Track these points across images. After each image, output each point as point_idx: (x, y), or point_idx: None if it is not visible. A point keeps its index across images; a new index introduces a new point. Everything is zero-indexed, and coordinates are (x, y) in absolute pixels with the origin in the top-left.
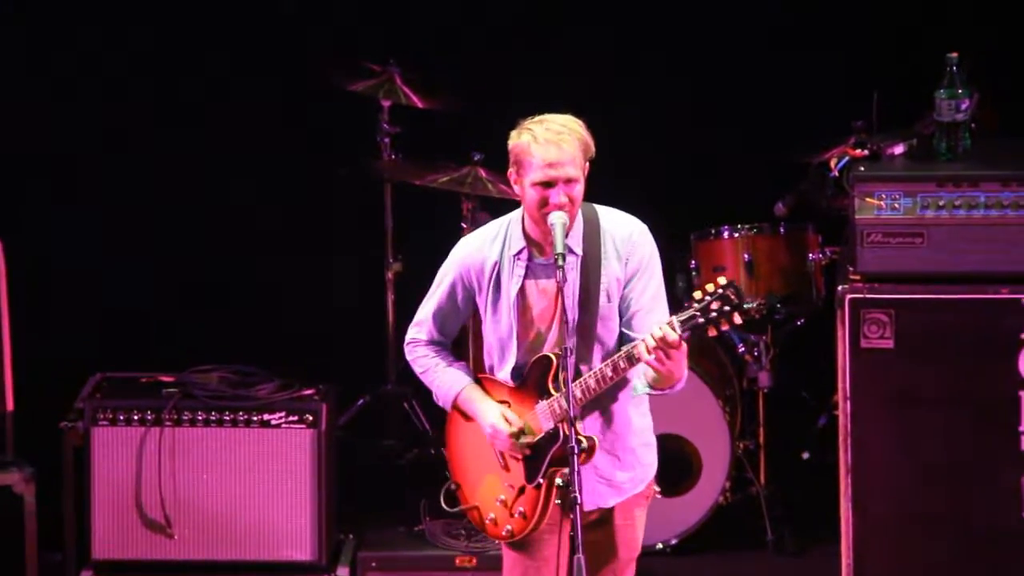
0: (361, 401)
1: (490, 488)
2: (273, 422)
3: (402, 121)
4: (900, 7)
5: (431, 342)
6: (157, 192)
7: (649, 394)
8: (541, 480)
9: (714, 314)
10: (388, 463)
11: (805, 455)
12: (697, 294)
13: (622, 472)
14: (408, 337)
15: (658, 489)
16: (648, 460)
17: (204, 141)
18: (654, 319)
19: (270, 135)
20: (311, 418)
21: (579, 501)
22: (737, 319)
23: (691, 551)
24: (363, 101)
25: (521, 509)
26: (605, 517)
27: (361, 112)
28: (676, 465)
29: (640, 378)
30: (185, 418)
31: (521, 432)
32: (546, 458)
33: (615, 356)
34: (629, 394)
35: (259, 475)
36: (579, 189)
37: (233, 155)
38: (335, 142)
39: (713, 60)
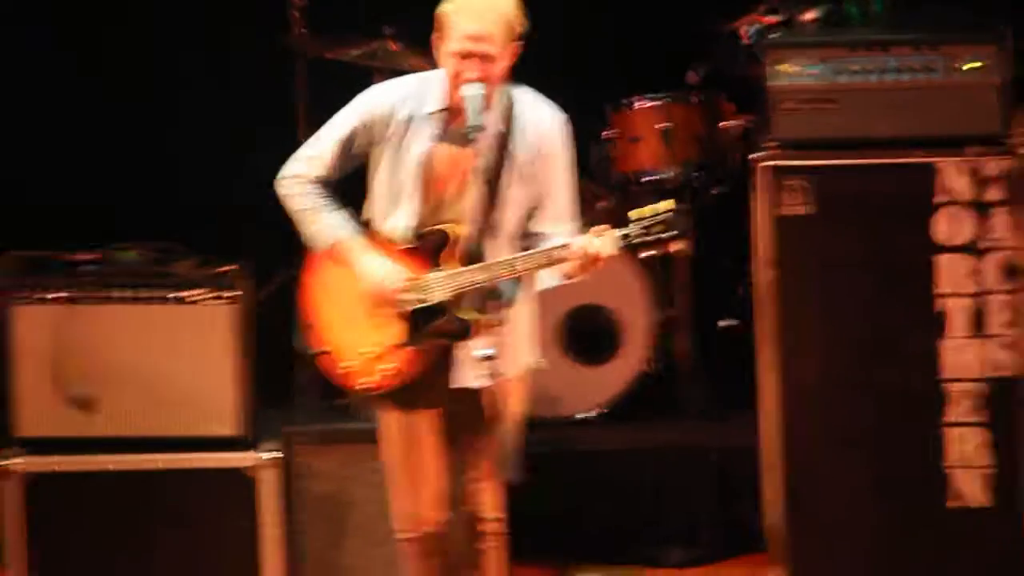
0: (278, 275)
1: (351, 338)
2: (193, 298)
3: None
4: None
5: (317, 180)
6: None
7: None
8: (421, 346)
9: (653, 238)
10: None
11: (726, 322)
12: (635, 213)
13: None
14: (289, 171)
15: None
16: (526, 344)
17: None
18: (556, 217)
19: (185, 9)
20: (231, 294)
21: (502, 373)
22: (676, 246)
23: (615, 420)
24: None
25: (391, 366)
26: (474, 393)
27: None
28: (597, 335)
29: (547, 270)
30: (104, 295)
31: (410, 291)
32: (428, 326)
33: (549, 249)
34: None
35: (181, 351)
36: (498, 68)
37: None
38: (243, 17)
39: None
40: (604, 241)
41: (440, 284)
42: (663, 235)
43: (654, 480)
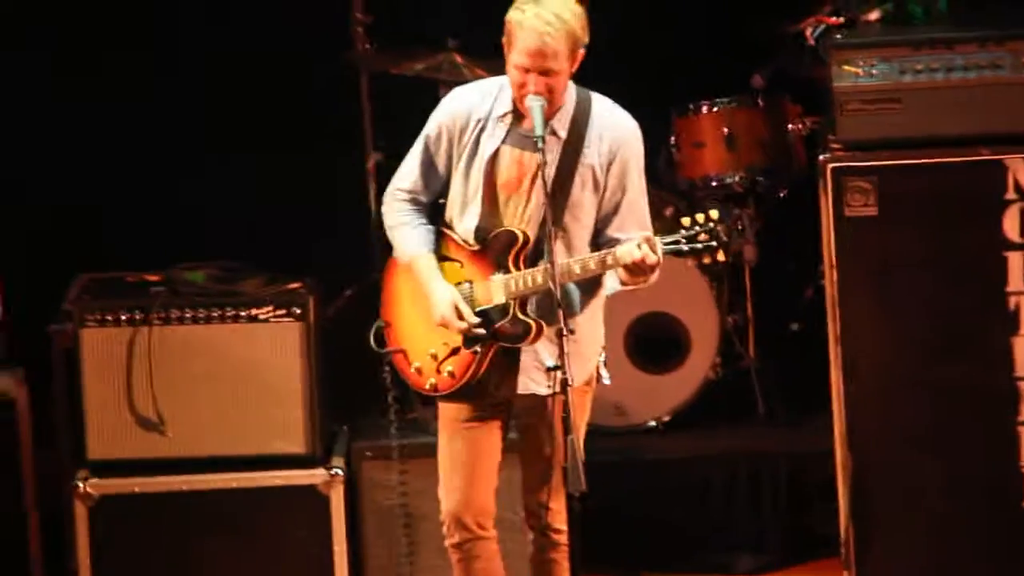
0: (348, 292)
1: (423, 338)
2: (261, 317)
3: (375, 9)
4: None
5: (412, 199)
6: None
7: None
8: (479, 348)
9: (699, 246)
10: (378, 353)
11: (794, 326)
12: (686, 220)
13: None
14: (390, 187)
15: (606, 375)
16: (590, 355)
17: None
18: (630, 224)
19: (244, 29)
20: (299, 311)
21: (570, 382)
22: (720, 256)
23: (683, 427)
24: None
25: (450, 368)
26: (540, 403)
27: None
28: (665, 342)
29: (612, 276)
30: (173, 316)
31: (470, 303)
32: (489, 328)
33: (601, 254)
34: (588, 288)
35: (250, 370)
36: (561, 80)
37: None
38: (309, 35)
39: None
40: (647, 248)
41: (503, 286)
42: (709, 244)
43: (723, 486)
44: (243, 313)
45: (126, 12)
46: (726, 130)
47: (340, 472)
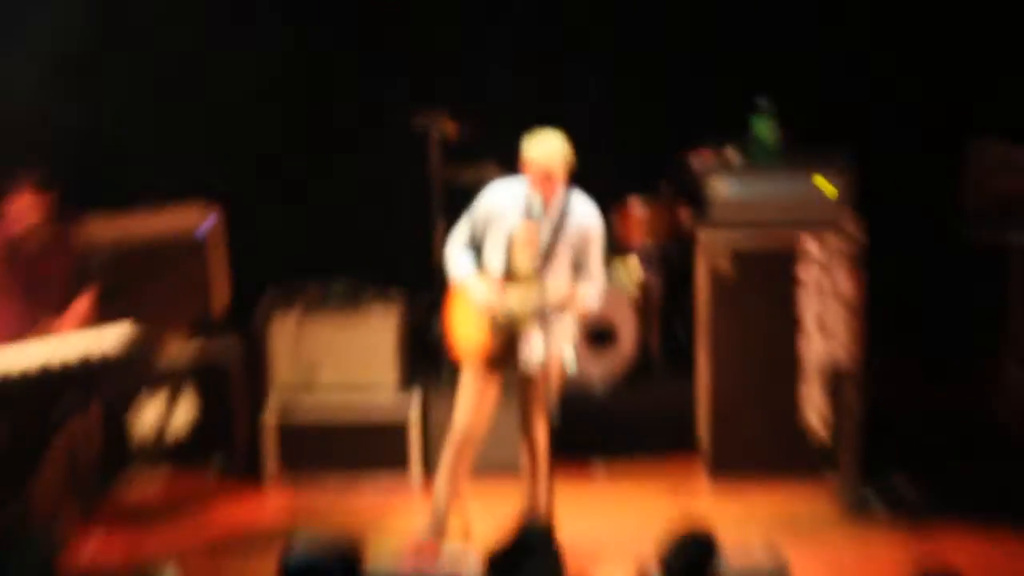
0: (421, 299)
1: (464, 328)
2: (372, 312)
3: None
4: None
5: (462, 245)
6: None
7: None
8: (494, 333)
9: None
10: (437, 336)
11: (678, 328)
12: (618, 266)
13: (547, 347)
14: (451, 236)
15: (571, 363)
16: (563, 342)
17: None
18: (592, 264)
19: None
20: (394, 310)
21: (548, 355)
22: (634, 286)
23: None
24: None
25: (478, 344)
26: (534, 369)
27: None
28: (604, 335)
29: (590, 300)
30: (323, 311)
31: (499, 309)
32: (501, 321)
33: (571, 294)
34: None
35: (363, 346)
36: (557, 183)
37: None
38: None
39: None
40: (583, 298)
41: (514, 297)
42: (627, 283)
43: (629, 417)
44: (362, 309)
45: None
46: (646, 216)
47: (416, 411)
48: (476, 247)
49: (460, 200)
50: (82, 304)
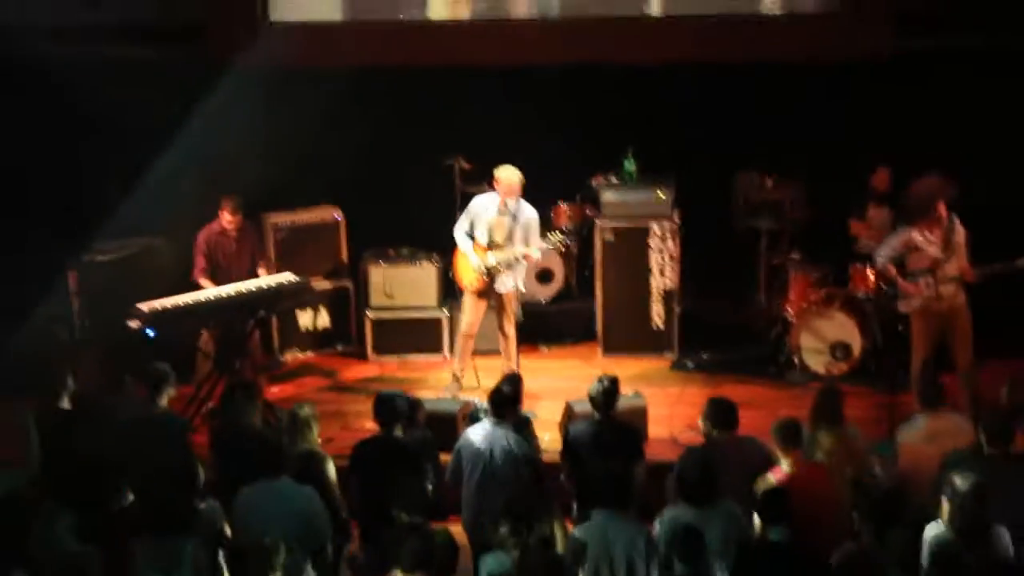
0: (447, 255)
1: (466, 273)
2: (423, 265)
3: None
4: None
5: (463, 228)
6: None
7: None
8: (486, 276)
9: (551, 246)
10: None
11: (586, 272)
12: (551, 235)
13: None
14: (457, 224)
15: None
16: (519, 277)
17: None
18: (533, 240)
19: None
20: (433, 262)
21: (515, 286)
22: (562, 249)
23: (554, 303)
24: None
25: (476, 281)
26: (506, 294)
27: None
28: (545, 275)
29: (535, 251)
30: (407, 260)
31: (487, 264)
32: (488, 269)
33: (521, 250)
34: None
35: (415, 287)
36: (515, 194)
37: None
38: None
39: None
40: (532, 250)
41: (491, 256)
42: (555, 245)
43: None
44: (417, 262)
45: None
46: (568, 212)
47: (447, 315)
48: (470, 230)
49: (468, 203)
50: (264, 267)
